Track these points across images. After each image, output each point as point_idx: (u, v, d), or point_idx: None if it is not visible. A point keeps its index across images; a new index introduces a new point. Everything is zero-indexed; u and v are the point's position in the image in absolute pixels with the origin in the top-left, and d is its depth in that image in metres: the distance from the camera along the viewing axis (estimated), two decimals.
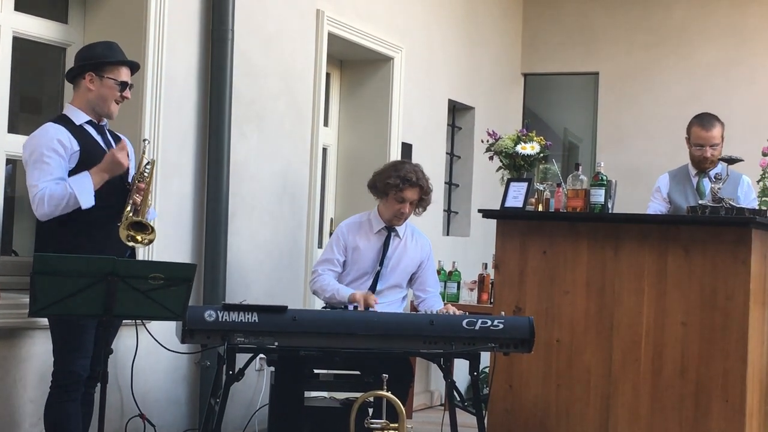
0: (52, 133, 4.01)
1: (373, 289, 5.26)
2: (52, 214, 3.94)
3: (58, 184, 3.94)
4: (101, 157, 4.10)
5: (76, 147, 4.03)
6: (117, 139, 4.27)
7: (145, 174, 4.15)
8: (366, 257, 5.29)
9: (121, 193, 4.11)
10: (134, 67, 4.28)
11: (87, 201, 3.95)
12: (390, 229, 5.33)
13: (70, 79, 4.24)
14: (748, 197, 5.69)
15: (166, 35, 4.96)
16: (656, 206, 5.81)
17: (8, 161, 4.69)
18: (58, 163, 3.97)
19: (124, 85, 4.17)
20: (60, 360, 4.05)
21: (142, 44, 4.86)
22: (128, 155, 4.11)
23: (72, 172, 4.02)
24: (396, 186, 5.21)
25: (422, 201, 5.35)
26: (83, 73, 4.14)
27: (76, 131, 4.08)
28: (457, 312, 4.93)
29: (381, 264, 5.29)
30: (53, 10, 4.94)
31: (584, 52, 8.61)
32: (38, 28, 4.80)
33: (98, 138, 4.15)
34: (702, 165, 5.70)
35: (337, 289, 5.12)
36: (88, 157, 4.06)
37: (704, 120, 5.72)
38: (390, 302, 5.29)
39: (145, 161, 4.22)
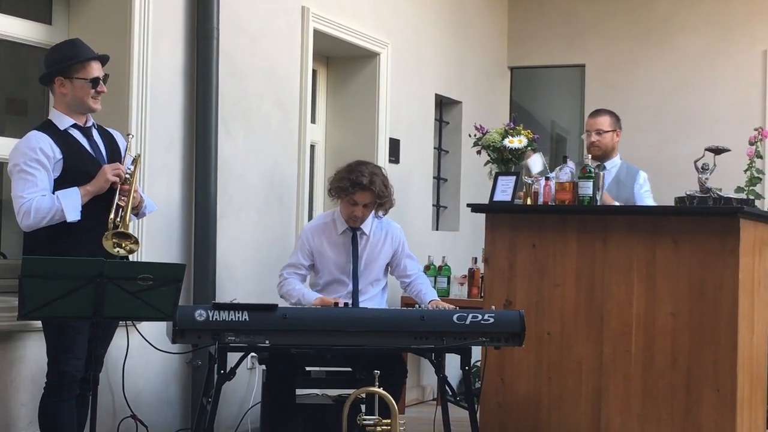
0: (34, 142, 3.98)
1: (354, 293, 5.21)
2: (37, 225, 3.93)
3: (44, 196, 3.93)
4: (86, 162, 4.08)
5: (59, 155, 4.01)
6: (106, 136, 4.23)
7: (128, 174, 4.11)
8: (335, 260, 5.22)
9: (109, 196, 4.08)
10: (103, 59, 4.21)
11: (73, 215, 3.94)
12: (354, 229, 5.27)
13: (44, 84, 4.21)
14: (639, 192, 5.89)
15: (151, 35, 4.95)
16: None
17: None
18: (42, 175, 3.96)
19: (95, 81, 4.12)
20: (53, 361, 4.04)
21: (127, 44, 4.84)
22: (121, 173, 4.09)
23: (57, 180, 4.00)
24: (346, 189, 5.09)
25: (380, 205, 5.22)
26: (52, 78, 4.11)
27: (60, 137, 4.05)
28: (448, 306, 4.93)
29: (354, 269, 5.21)
30: (37, 11, 4.93)
31: (570, 44, 8.61)
32: (22, 29, 4.78)
33: (83, 141, 4.12)
34: (588, 150, 6.00)
35: (302, 294, 5.07)
36: (72, 163, 4.04)
37: (595, 110, 6.17)
38: (371, 297, 5.25)
39: (130, 158, 4.20)
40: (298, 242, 5.30)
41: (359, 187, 5.09)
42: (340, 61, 6.93)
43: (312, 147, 6.63)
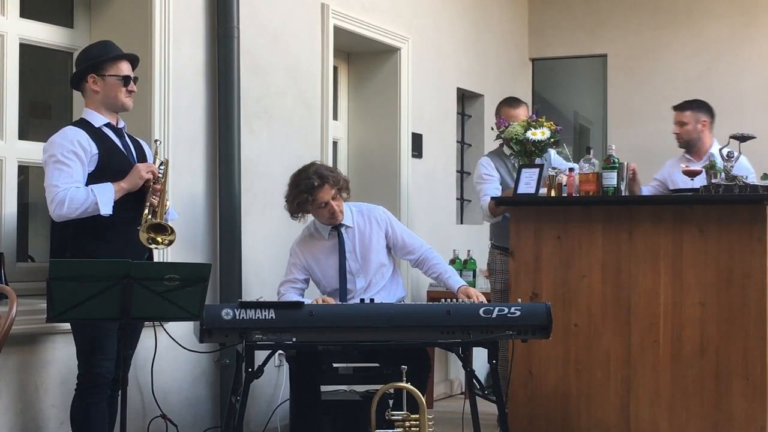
0: (72, 135, 4.04)
1: (342, 291, 5.08)
2: (69, 216, 3.96)
3: (78, 188, 3.97)
4: (119, 159, 4.13)
5: (95, 150, 4.07)
6: (135, 143, 4.30)
7: (160, 175, 4.17)
8: (331, 266, 5.14)
9: (137, 196, 4.12)
10: (133, 60, 4.28)
11: (107, 209, 3.98)
12: (338, 227, 5.13)
13: (75, 85, 4.26)
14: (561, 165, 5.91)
15: (172, 36, 4.97)
16: (493, 189, 5.93)
17: (20, 167, 4.70)
18: (77, 167, 4.00)
19: (127, 80, 4.19)
20: (84, 364, 4.07)
21: (148, 46, 4.86)
22: (155, 172, 4.14)
23: (91, 175, 4.04)
24: (306, 200, 4.98)
25: (340, 189, 5.08)
26: (85, 76, 4.17)
27: (96, 134, 4.11)
28: (477, 294, 4.87)
29: (342, 265, 5.11)
30: (58, 15, 4.96)
31: (591, 34, 8.58)
32: (44, 33, 4.81)
33: (117, 141, 4.19)
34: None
35: None
36: (107, 160, 4.09)
37: (512, 101, 6.27)
38: (383, 285, 5.18)
39: (158, 162, 4.25)
40: (290, 259, 5.18)
41: (316, 189, 4.97)
42: (361, 57, 6.93)
43: (335, 143, 6.64)
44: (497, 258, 6.08)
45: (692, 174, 5.29)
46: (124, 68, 4.20)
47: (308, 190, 4.97)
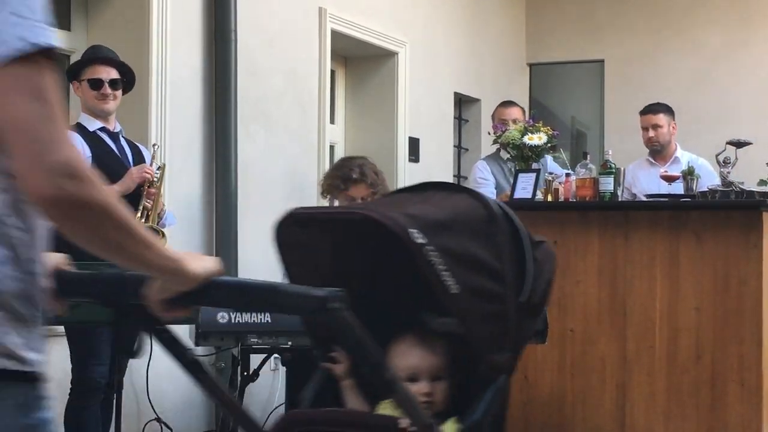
0: None
1: None
2: None
3: None
4: (113, 163, 4.14)
5: (88, 153, 4.08)
6: (132, 146, 4.29)
7: (156, 178, 4.17)
8: None
9: (133, 198, 4.12)
10: (108, 61, 4.21)
11: None
12: None
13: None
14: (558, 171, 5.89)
15: (170, 38, 4.97)
16: (488, 193, 5.88)
17: None
18: None
19: (94, 82, 4.14)
20: (78, 368, 4.06)
21: (146, 48, 4.87)
22: (147, 175, 4.13)
23: None
24: (338, 187, 4.98)
25: (374, 194, 5.04)
26: (71, 82, 4.19)
27: (90, 138, 4.12)
28: None
29: None
30: (56, 17, 4.94)
31: (589, 39, 8.58)
32: None
33: (112, 145, 4.19)
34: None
35: None
36: (101, 164, 4.09)
37: (505, 102, 6.35)
38: None
39: (155, 166, 4.25)
40: None
41: (352, 182, 4.97)
42: (359, 61, 6.93)
43: (332, 147, 6.64)
44: None
45: (670, 179, 5.31)
46: (99, 72, 4.15)
47: (344, 179, 4.97)
